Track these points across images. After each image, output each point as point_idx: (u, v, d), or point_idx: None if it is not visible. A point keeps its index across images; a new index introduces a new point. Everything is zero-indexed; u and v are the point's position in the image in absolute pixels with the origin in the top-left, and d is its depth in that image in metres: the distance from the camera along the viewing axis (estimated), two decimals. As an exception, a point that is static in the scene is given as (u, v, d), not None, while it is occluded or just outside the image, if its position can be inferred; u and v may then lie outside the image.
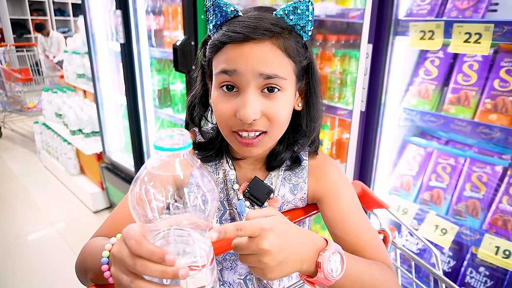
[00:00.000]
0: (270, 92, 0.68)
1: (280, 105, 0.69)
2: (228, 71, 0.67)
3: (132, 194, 0.47)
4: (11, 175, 4.03)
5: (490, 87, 1.31)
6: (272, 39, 0.66)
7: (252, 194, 0.79)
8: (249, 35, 0.64)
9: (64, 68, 4.00)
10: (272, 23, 0.66)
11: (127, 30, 2.46)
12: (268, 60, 0.66)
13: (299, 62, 0.71)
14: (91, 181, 3.47)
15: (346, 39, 1.81)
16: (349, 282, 0.65)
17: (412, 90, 1.48)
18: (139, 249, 0.45)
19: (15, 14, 8.51)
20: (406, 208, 1.48)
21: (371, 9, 1.32)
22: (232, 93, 0.69)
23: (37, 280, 2.41)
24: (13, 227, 3.02)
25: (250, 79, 0.66)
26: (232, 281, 0.83)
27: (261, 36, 0.65)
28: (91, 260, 0.65)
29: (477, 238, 1.30)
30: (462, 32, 1.19)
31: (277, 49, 0.67)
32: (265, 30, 0.65)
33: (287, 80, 0.69)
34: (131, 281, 0.46)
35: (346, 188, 0.82)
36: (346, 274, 0.63)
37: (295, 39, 0.69)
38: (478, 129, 1.25)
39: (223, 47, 0.68)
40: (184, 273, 0.43)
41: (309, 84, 0.76)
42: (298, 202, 0.84)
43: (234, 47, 0.66)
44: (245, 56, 0.65)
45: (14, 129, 5.66)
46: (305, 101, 0.78)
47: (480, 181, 1.37)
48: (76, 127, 3.44)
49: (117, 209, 0.79)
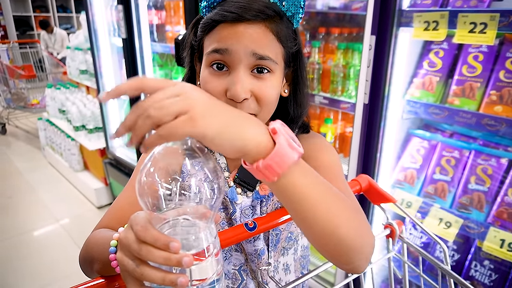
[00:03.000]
0: (260, 73, 0.69)
1: (269, 86, 0.70)
2: (219, 50, 0.67)
3: (139, 182, 0.47)
4: (16, 172, 4.05)
5: (495, 78, 1.30)
6: (265, 22, 0.67)
7: (242, 179, 0.79)
8: (243, 15, 0.65)
9: (67, 64, 4.00)
10: (265, 6, 0.67)
11: (129, 25, 2.45)
12: (262, 41, 0.66)
13: (288, 48, 0.72)
14: (94, 177, 3.48)
15: (349, 32, 1.79)
16: (308, 178, 0.52)
17: (416, 82, 1.47)
18: (145, 235, 0.45)
19: (18, 11, 8.51)
20: (410, 201, 1.47)
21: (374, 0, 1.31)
22: (222, 72, 0.69)
23: (43, 275, 2.43)
24: (18, 223, 3.04)
25: (242, 58, 0.66)
26: (227, 271, 0.83)
27: (254, 17, 0.65)
28: (97, 250, 0.65)
29: (482, 231, 1.29)
30: (467, 22, 1.18)
31: (270, 32, 0.67)
32: (259, 12, 0.66)
33: (277, 64, 0.70)
34: (136, 266, 0.46)
35: (326, 151, 0.81)
36: (303, 166, 0.52)
37: (286, 25, 0.70)
38: (483, 121, 1.24)
39: (216, 26, 0.68)
40: (188, 261, 0.43)
41: (297, 71, 0.77)
42: None
43: (227, 26, 0.67)
44: (238, 35, 0.66)
45: (18, 126, 5.69)
46: (292, 88, 0.79)
47: (485, 174, 1.36)
48: (79, 123, 3.45)
49: (117, 200, 0.79)
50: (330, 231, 0.54)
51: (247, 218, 0.79)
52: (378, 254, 1.64)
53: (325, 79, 1.79)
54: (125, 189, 0.81)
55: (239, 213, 0.79)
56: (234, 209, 0.79)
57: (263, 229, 0.73)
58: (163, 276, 0.44)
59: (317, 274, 0.72)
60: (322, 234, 0.54)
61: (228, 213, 0.79)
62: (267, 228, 0.74)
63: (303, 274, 0.70)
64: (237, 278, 0.83)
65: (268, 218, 0.74)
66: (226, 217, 0.80)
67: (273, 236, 0.81)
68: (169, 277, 0.44)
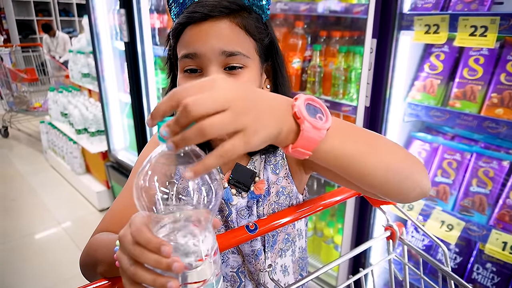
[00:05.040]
0: (233, 70, 0.68)
1: (245, 82, 0.69)
2: (189, 55, 0.67)
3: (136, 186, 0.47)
4: (18, 175, 4.07)
5: (496, 81, 1.30)
6: (230, 16, 0.67)
7: (236, 180, 0.79)
8: (207, 13, 0.66)
9: (69, 68, 4.02)
10: (229, 1, 0.67)
11: (131, 29, 2.47)
12: (228, 37, 0.67)
13: (260, 41, 0.72)
14: (96, 180, 3.49)
15: (350, 35, 1.80)
16: (345, 137, 0.53)
17: (417, 85, 1.47)
18: (138, 236, 0.45)
19: (21, 15, 8.56)
20: (411, 204, 1.47)
21: (375, 3, 1.31)
22: (196, 75, 0.69)
23: (44, 277, 2.43)
24: (20, 226, 3.05)
25: (211, 58, 0.67)
26: (225, 273, 0.83)
27: (218, 13, 0.66)
28: (101, 252, 0.65)
29: (483, 233, 1.28)
30: (467, 26, 1.18)
31: (236, 26, 0.68)
32: (223, 8, 0.66)
33: (250, 58, 0.69)
34: (130, 265, 0.47)
35: None
36: (337, 125, 0.53)
37: (256, 18, 0.71)
38: (484, 123, 1.24)
39: (184, 30, 0.69)
40: (178, 267, 0.43)
41: (274, 64, 0.77)
42: (283, 181, 0.83)
43: (194, 28, 0.67)
44: (204, 36, 0.66)
45: (21, 129, 5.71)
46: (272, 82, 0.79)
47: (486, 177, 1.36)
48: (81, 126, 3.46)
49: (115, 203, 0.79)
50: (389, 175, 0.57)
51: (243, 219, 0.79)
52: (379, 256, 1.64)
53: (326, 82, 1.79)
54: (122, 192, 0.81)
55: (235, 214, 0.79)
56: (230, 211, 0.79)
57: (264, 230, 0.73)
58: (153, 278, 0.45)
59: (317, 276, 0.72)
60: (385, 179, 0.57)
61: (223, 215, 0.79)
62: (268, 229, 0.74)
63: (304, 276, 0.70)
64: (236, 280, 0.83)
65: (269, 220, 0.74)
66: (222, 219, 0.80)
67: (270, 237, 0.81)
68: (160, 280, 0.44)
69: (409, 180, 0.60)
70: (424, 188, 0.62)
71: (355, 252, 0.79)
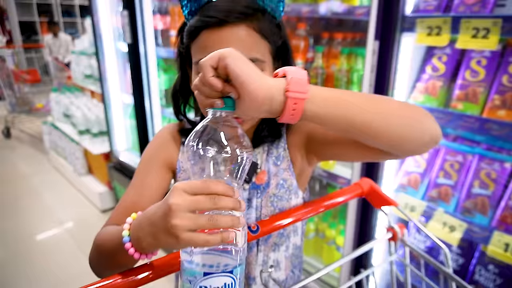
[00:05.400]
0: None
1: None
2: None
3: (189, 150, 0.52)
4: (20, 176, 4.08)
5: (498, 83, 1.30)
6: (247, 21, 0.67)
7: None
8: (224, 19, 0.65)
9: (71, 69, 4.03)
10: (245, 6, 0.67)
11: (134, 30, 2.47)
12: (247, 44, 0.67)
13: (274, 43, 0.72)
14: (99, 181, 3.50)
15: (353, 37, 1.80)
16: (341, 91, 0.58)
17: (419, 86, 1.47)
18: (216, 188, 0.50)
19: (23, 16, 8.59)
20: (413, 206, 1.47)
21: (377, 5, 1.31)
22: None
23: (47, 279, 2.44)
24: (23, 227, 3.05)
25: None
26: None
27: (236, 20, 0.66)
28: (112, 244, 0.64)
29: (486, 235, 1.28)
30: (469, 28, 1.18)
31: (253, 31, 0.67)
32: (240, 13, 0.66)
33: (265, 62, 0.70)
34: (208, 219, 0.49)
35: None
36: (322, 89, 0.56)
37: (269, 20, 0.70)
38: (486, 125, 1.24)
39: (200, 33, 0.69)
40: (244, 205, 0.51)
41: (284, 63, 0.77)
42: (284, 173, 0.84)
43: (211, 33, 0.67)
44: (222, 42, 0.66)
45: (23, 130, 5.72)
46: None
47: (488, 178, 1.36)
48: (83, 127, 3.47)
49: (123, 200, 0.79)
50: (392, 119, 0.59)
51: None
52: (381, 257, 1.64)
53: (328, 83, 1.79)
54: (129, 189, 0.81)
55: None
56: None
57: (266, 231, 0.73)
58: (231, 218, 0.50)
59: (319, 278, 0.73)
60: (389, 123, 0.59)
61: None
62: (271, 230, 0.74)
63: (305, 277, 0.70)
64: None
65: (272, 221, 0.75)
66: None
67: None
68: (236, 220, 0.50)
69: (414, 123, 0.61)
70: (434, 132, 0.63)
71: (356, 253, 0.79)
